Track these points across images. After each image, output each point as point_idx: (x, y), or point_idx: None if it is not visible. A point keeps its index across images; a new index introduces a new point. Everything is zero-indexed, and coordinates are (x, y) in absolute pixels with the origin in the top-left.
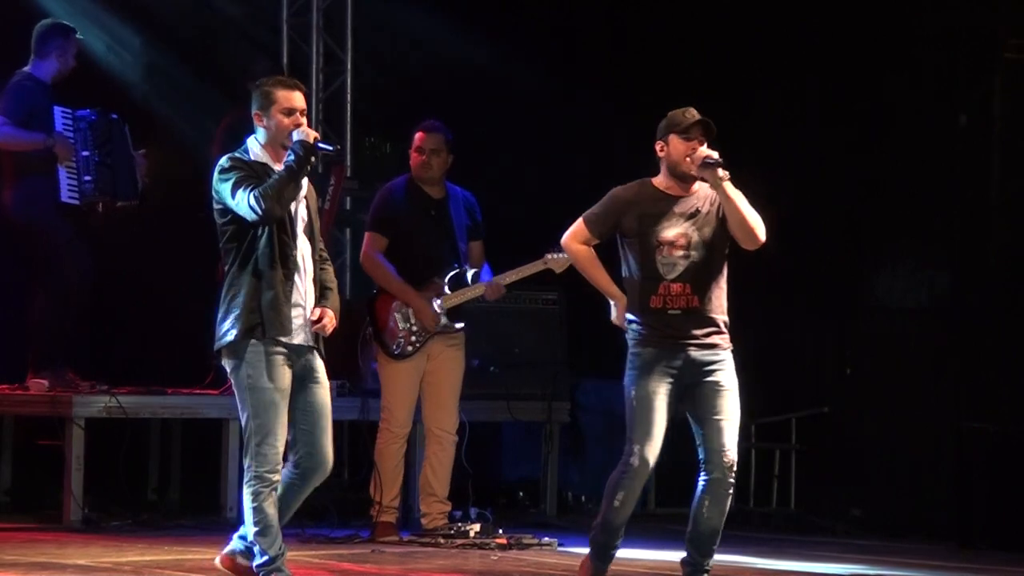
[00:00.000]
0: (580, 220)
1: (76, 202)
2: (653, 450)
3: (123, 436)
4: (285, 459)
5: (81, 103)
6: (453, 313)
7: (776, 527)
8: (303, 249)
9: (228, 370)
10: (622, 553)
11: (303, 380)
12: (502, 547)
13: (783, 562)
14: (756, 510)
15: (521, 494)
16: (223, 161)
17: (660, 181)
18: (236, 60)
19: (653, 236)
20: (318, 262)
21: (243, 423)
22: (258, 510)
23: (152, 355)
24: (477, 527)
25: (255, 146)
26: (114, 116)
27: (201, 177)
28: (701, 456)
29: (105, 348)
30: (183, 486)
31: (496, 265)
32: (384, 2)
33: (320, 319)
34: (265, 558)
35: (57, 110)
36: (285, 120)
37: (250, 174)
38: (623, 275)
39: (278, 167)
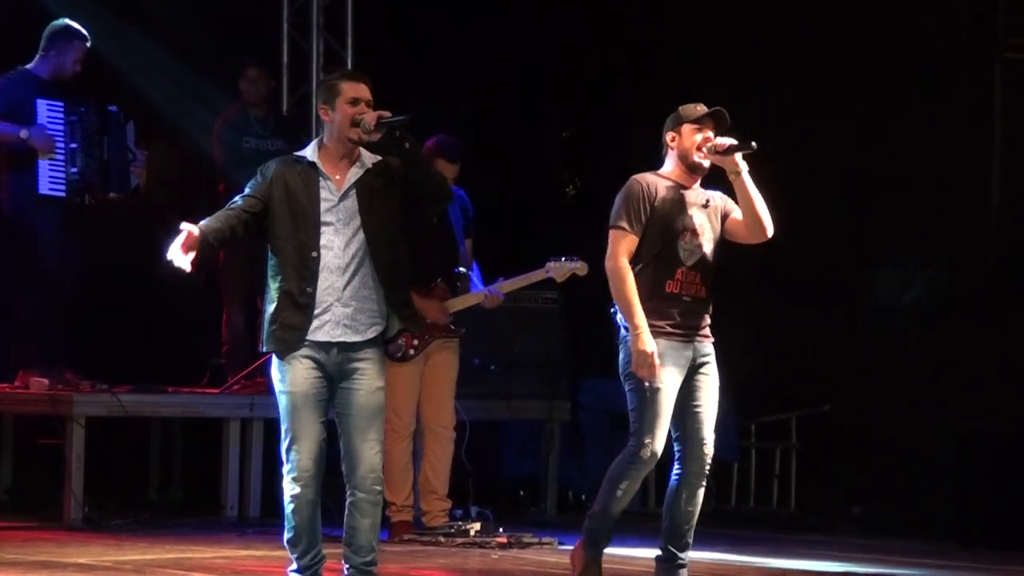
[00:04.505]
0: (612, 233)
1: (60, 194)
2: (661, 444)
3: (124, 435)
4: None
5: (90, 98)
6: (454, 317)
7: (776, 526)
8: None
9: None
10: (622, 552)
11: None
12: (502, 546)
13: (783, 561)
14: (756, 509)
15: (521, 493)
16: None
17: (669, 171)
18: (237, 58)
19: (679, 221)
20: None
21: None
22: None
23: (153, 354)
24: (477, 526)
25: (313, 145)
26: (112, 109)
27: (202, 175)
28: (678, 448)
29: (105, 347)
30: (184, 485)
31: (486, 264)
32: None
33: None
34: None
35: (41, 103)
36: (349, 109)
37: (257, 185)
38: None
39: (330, 168)
